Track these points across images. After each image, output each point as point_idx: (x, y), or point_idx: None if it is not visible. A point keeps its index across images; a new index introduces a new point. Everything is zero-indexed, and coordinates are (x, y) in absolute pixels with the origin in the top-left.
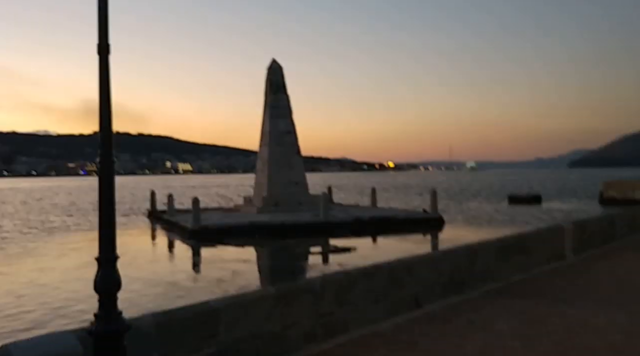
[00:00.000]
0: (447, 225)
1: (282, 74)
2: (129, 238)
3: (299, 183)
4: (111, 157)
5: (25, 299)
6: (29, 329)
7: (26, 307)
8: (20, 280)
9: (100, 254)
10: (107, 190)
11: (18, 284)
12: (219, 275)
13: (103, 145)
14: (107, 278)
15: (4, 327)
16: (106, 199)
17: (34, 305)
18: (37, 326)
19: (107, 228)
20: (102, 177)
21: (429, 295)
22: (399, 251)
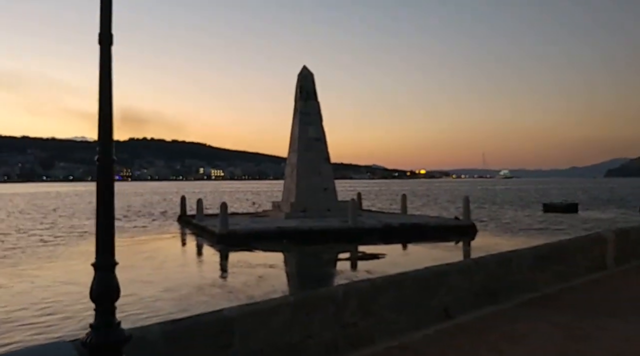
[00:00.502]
0: (480, 232)
1: (313, 81)
2: (159, 243)
3: (328, 189)
4: (111, 156)
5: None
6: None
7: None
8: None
9: (97, 259)
10: (105, 191)
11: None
12: (244, 280)
13: (102, 143)
14: (105, 286)
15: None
16: (104, 201)
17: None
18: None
19: (105, 232)
20: (100, 177)
21: (460, 306)
22: (429, 258)
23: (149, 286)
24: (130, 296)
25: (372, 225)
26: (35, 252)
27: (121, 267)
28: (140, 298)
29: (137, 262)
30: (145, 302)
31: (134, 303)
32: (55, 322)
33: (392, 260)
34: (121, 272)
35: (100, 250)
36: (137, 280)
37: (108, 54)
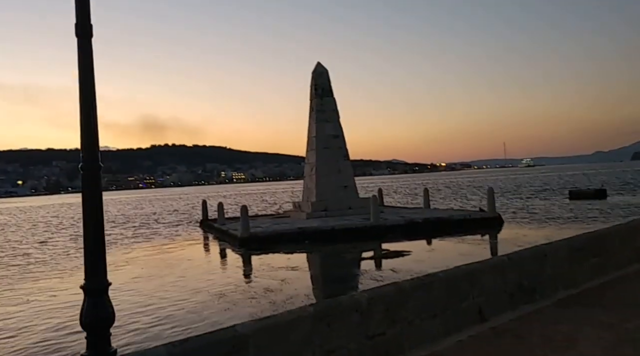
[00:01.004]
0: (506, 224)
1: (328, 77)
2: (181, 249)
3: (348, 187)
4: (97, 162)
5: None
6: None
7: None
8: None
9: (86, 283)
10: (92, 201)
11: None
12: (267, 284)
13: (87, 147)
14: (96, 312)
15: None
16: (91, 214)
17: None
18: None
19: (94, 251)
20: (86, 188)
21: (495, 306)
22: (456, 253)
23: (170, 294)
24: (149, 306)
25: (395, 222)
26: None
27: (144, 276)
28: (159, 307)
29: (159, 271)
30: (164, 312)
31: (153, 312)
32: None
33: (418, 257)
34: (144, 282)
35: (89, 272)
36: (159, 289)
37: (88, 47)
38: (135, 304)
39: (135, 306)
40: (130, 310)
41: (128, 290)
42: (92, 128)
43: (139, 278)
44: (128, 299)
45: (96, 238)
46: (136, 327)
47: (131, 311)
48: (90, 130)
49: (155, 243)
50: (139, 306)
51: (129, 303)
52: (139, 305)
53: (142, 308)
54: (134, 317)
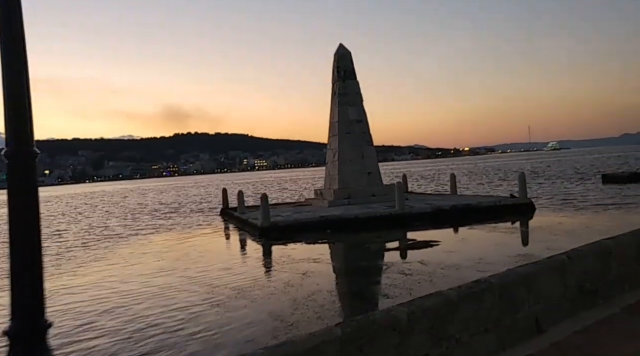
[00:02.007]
0: (538, 210)
1: (351, 59)
2: (201, 239)
3: (372, 173)
4: (30, 147)
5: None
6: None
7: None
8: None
9: (13, 323)
10: (23, 203)
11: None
12: (287, 278)
13: (14, 129)
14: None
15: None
16: (21, 222)
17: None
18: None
19: (26, 275)
20: (14, 181)
21: (553, 315)
22: (489, 243)
23: (187, 289)
24: (162, 307)
25: (421, 209)
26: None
27: (161, 269)
28: (172, 308)
29: (178, 263)
30: (177, 312)
31: (162, 313)
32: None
33: (447, 247)
34: (158, 277)
35: (19, 310)
36: (175, 283)
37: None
38: (142, 301)
39: (141, 304)
40: (132, 309)
41: (143, 283)
42: (21, 101)
43: (155, 272)
44: (139, 293)
45: (30, 251)
46: (136, 330)
47: (132, 313)
48: (20, 104)
49: (175, 233)
50: (146, 306)
51: (136, 300)
52: (147, 304)
53: (148, 308)
54: (133, 319)
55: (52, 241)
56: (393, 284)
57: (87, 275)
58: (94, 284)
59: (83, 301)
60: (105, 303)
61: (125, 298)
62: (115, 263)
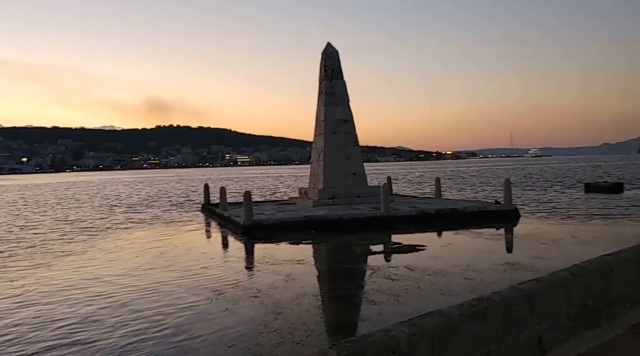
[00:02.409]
0: (522, 217)
1: (338, 59)
2: (180, 235)
3: (357, 174)
4: None
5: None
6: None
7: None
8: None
9: None
10: None
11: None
12: (270, 280)
13: None
14: None
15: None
16: None
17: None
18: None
19: None
20: None
21: (555, 335)
22: (475, 250)
23: (164, 291)
24: (133, 312)
25: (407, 212)
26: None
27: (140, 267)
28: (146, 312)
29: (155, 260)
30: (152, 313)
31: (134, 318)
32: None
33: (433, 252)
34: (133, 276)
35: None
36: (153, 282)
37: None
38: (119, 303)
39: (118, 306)
40: (108, 311)
41: (119, 284)
42: None
43: (132, 270)
44: (117, 296)
45: None
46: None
47: (109, 314)
48: None
49: (153, 229)
50: (126, 307)
51: (113, 302)
52: (125, 305)
53: (126, 310)
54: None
55: (24, 232)
56: (380, 289)
57: (57, 272)
58: (63, 285)
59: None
60: (71, 307)
61: (94, 302)
62: (88, 260)
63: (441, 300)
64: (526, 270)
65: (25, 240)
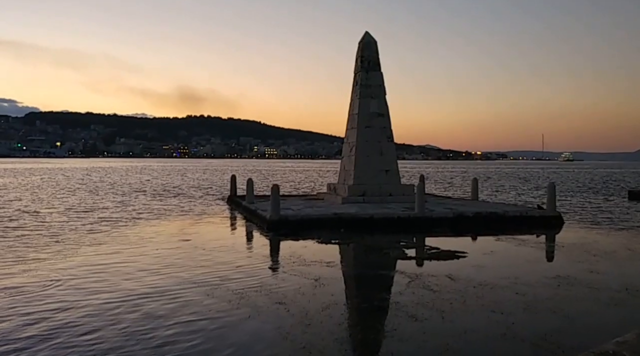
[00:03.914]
0: (567, 225)
1: (376, 49)
2: (203, 228)
3: (390, 171)
4: None
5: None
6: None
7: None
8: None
9: None
10: None
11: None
12: (297, 284)
13: None
14: None
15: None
16: None
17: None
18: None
19: None
20: None
21: None
22: (522, 260)
23: (180, 293)
24: (144, 316)
25: (442, 214)
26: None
27: (156, 262)
28: (158, 317)
29: (174, 255)
30: (165, 321)
31: (144, 324)
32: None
33: (476, 260)
34: (153, 271)
35: None
36: (168, 279)
37: None
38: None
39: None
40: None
41: (136, 281)
42: None
43: (148, 267)
44: (131, 296)
45: None
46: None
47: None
48: None
49: (176, 220)
50: (137, 313)
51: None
52: (138, 311)
53: (140, 316)
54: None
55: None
56: (420, 302)
57: (71, 263)
58: (71, 280)
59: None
60: (77, 309)
61: (105, 303)
62: (108, 254)
63: (492, 319)
64: (582, 286)
65: (44, 227)
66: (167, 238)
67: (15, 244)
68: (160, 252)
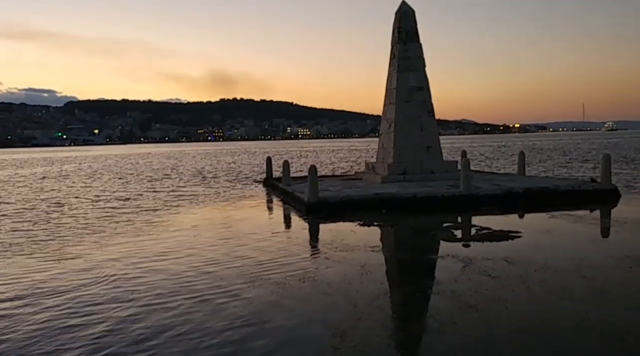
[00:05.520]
0: (623, 198)
1: (414, 19)
2: (240, 212)
3: (432, 147)
4: None
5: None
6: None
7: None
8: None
9: None
10: None
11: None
12: (341, 271)
13: None
14: None
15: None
16: None
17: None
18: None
19: None
20: None
21: None
22: (581, 237)
23: (220, 282)
24: (184, 299)
25: (490, 191)
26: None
27: (194, 248)
28: (199, 304)
29: (211, 240)
30: (208, 317)
31: (180, 313)
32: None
33: (532, 240)
34: (191, 257)
35: None
36: (205, 267)
37: None
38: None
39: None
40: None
41: (178, 264)
42: None
43: (186, 253)
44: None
45: None
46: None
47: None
48: None
49: (214, 204)
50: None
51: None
52: (158, 295)
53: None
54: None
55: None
56: (478, 290)
57: (106, 250)
58: (104, 262)
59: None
60: (112, 297)
61: (145, 287)
62: (146, 237)
63: (561, 307)
64: None
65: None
66: (203, 223)
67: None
68: (196, 240)
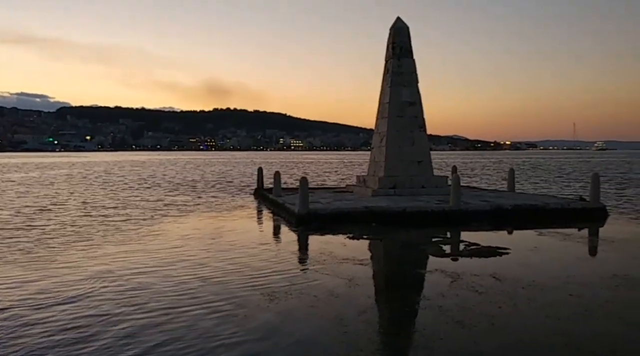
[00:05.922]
0: (611, 217)
1: (409, 35)
2: (229, 223)
3: (423, 162)
4: None
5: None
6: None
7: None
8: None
9: None
10: None
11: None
12: (330, 284)
13: None
14: None
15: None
16: None
17: None
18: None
19: None
20: None
21: None
22: (569, 255)
23: (205, 293)
24: (165, 315)
25: (479, 207)
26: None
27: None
28: (181, 319)
29: (198, 252)
30: (193, 319)
31: (175, 320)
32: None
33: (520, 257)
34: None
35: None
36: (192, 278)
37: None
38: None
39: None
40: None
41: (161, 277)
42: None
43: (167, 265)
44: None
45: None
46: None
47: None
48: None
49: (202, 214)
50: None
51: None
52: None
53: (161, 320)
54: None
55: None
56: (466, 306)
57: (86, 263)
58: (82, 275)
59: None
60: (86, 309)
61: (129, 297)
62: (131, 244)
63: (549, 326)
64: None
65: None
66: (192, 234)
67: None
68: (182, 249)
